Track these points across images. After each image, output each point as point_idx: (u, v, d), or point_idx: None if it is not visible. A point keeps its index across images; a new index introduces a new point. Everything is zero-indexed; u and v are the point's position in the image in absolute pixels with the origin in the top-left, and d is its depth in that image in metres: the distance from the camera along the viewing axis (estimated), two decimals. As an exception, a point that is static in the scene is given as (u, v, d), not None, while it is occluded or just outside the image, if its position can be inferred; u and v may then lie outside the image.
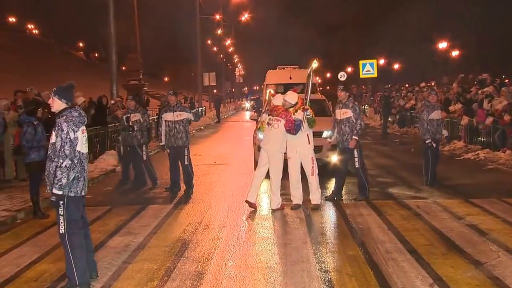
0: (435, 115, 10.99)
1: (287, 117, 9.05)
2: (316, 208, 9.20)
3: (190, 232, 7.95)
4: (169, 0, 51.48)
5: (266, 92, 12.62)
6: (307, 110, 9.16)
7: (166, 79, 78.76)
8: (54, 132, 5.53)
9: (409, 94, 27.86)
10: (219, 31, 58.72)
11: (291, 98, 9.36)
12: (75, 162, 5.50)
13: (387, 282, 5.71)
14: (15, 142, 11.17)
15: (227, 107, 57.17)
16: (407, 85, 35.37)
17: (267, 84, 18.45)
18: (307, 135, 9.26)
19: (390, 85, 40.55)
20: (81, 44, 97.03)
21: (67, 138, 5.46)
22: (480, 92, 17.66)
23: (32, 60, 56.10)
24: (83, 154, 5.62)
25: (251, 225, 8.53)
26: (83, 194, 5.69)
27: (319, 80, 43.99)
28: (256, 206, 9.39)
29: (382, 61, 50.91)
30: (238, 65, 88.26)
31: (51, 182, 5.52)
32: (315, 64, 9.72)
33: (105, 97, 16.25)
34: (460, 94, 19.63)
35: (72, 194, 5.55)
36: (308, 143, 9.29)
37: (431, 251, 6.70)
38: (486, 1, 53.01)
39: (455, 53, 49.59)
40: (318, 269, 6.16)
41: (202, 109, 41.02)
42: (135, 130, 11.64)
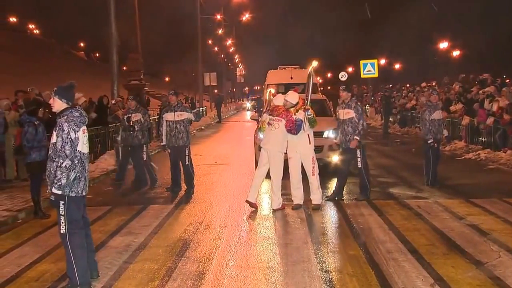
0: (437, 115, 11.00)
1: (287, 117, 9.05)
2: (317, 208, 9.20)
3: (191, 232, 7.95)
4: (170, 0, 51.47)
5: (267, 92, 12.63)
6: (308, 110, 9.17)
7: (167, 79, 78.74)
8: (55, 132, 5.52)
9: (410, 94, 27.84)
10: (220, 31, 58.75)
11: (292, 98, 9.37)
12: (76, 162, 5.50)
13: (388, 282, 5.71)
14: (16, 142, 11.19)
15: (228, 107, 57.22)
16: (408, 85, 35.34)
17: (268, 84, 18.47)
18: (308, 135, 9.26)
19: (391, 85, 40.52)
20: (82, 44, 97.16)
21: (68, 138, 5.45)
22: (481, 92, 17.64)
23: (33, 60, 56.16)
24: (84, 154, 5.62)
25: (252, 225, 8.53)
26: (84, 194, 5.69)
27: (320, 80, 43.99)
28: (257, 206, 9.40)
29: (383, 61, 50.90)
30: (239, 65, 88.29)
31: (51, 182, 5.52)
32: (314, 64, 9.73)
33: (106, 97, 16.27)
34: (461, 94, 19.61)
35: (73, 194, 5.55)
36: (309, 143, 9.30)
37: (432, 251, 6.70)
38: (487, 0, 52.98)
39: (456, 53, 49.52)
40: (319, 269, 6.16)
41: (203, 109, 41.04)
42: (135, 130, 11.64)
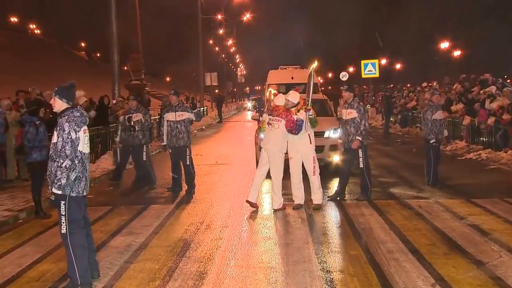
0: (438, 115, 11.01)
1: (287, 117, 9.05)
2: (318, 208, 9.20)
3: (191, 232, 7.95)
4: (171, 0, 51.48)
5: (268, 92, 12.63)
6: (310, 110, 9.16)
7: (168, 79, 78.78)
8: (55, 132, 5.53)
9: (410, 94, 27.82)
10: (221, 31, 58.75)
11: (293, 97, 9.36)
12: (76, 162, 5.50)
13: (389, 282, 5.71)
14: (17, 142, 11.17)
15: (229, 107, 57.21)
16: (409, 85, 35.35)
17: (269, 84, 18.49)
18: (309, 135, 9.26)
19: (392, 85, 40.53)
20: (83, 44, 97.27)
21: (68, 138, 5.45)
22: (482, 92, 17.64)
23: (33, 60, 56.25)
24: (85, 154, 5.62)
25: (253, 225, 8.53)
26: (84, 194, 5.69)
27: (321, 80, 44.02)
28: (257, 206, 9.40)
29: (384, 61, 50.81)
30: (240, 65, 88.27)
31: (52, 182, 5.52)
32: (315, 64, 9.72)
33: (106, 97, 16.26)
34: (462, 94, 19.60)
35: (73, 194, 5.55)
36: (310, 143, 9.29)
37: (433, 251, 6.70)
38: (487, 0, 52.93)
39: (457, 53, 49.48)
40: (320, 269, 6.16)
41: (204, 109, 41.03)
42: (136, 130, 11.64)
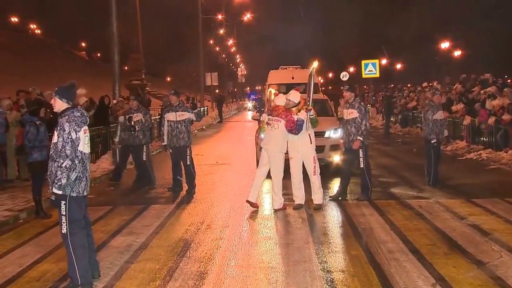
0: (439, 115, 11.01)
1: (287, 117, 9.04)
2: (318, 208, 9.20)
3: (192, 232, 7.95)
4: (171, 0, 51.51)
5: (268, 92, 12.62)
6: (310, 110, 9.16)
7: (168, 79, 78.77)
8: (56, 132, 5.53)
9: (411, 94, 27.83)
10: (221, 31, 58.77)
11: (294, 97, 9.36)
12: (76, 162, 5.50)
13: (389, 282, 5.71)
14: (17, 142, 11.18)
15: (229, 107, 57.21)
16: (409, 85, 35.35)
17: (269, 84, 18.47)
18: (309, 135, 9.26)
19: (392, 85, 40.52)
20: (83, 44, 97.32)
21: (68, 138, 5.45)
22: (482, 92, 17.63)
23: (34, 60, 56.27)
24: (85, 154, 5.62)
25: (253, 225, 8.53)
26: (85, 194, 5.69)
27: (322, 80, 44.02)
28: (258, 205, 9.40)
29: (384, 61, 50.84)
30: (241, 65, 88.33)
31: (52, 182, 5.52)
32: (315, 64, 9.72)
33: (107, 97, 16.24)
34: (462, 94, 19.60)
35: (74, 194, 5.55)
36: (310, 143, 9.29)
37: (433, 251, 6.70)
38: (488, 0, 52.95)
39: (457, 53, 49.51)
40: (321, 269, 6.16)
41: (204, 109, 41.03)
42: (136, 130, 11.63)
